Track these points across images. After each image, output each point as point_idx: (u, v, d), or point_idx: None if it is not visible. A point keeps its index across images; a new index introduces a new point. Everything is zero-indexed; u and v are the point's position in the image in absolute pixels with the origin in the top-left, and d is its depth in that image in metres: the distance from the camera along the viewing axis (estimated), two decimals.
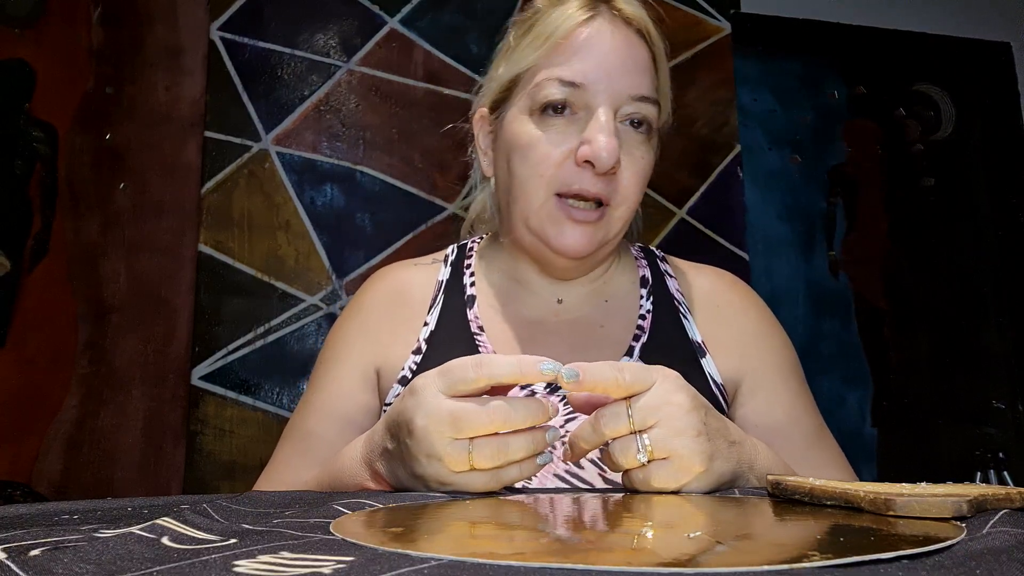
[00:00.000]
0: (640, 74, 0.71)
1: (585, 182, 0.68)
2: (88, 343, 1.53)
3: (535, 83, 0.71)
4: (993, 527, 0.34)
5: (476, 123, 0.81)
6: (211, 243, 1.60)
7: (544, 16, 0.72)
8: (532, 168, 0.70)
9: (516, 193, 0.72)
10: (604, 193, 0.69)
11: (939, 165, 2.19)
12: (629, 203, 0.71)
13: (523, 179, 0.71)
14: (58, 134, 1.58)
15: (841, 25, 2.13)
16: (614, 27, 0.71)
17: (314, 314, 1.62)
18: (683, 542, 0.31)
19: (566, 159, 0.69)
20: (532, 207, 0.71)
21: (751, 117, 2.06)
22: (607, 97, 0.69)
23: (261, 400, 1.56)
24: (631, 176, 0.70)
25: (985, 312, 2.15)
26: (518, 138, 0.72)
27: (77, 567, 0.27)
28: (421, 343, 0.75)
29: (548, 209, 0.70)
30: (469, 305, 0.77)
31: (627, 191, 0.71)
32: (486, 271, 0.81)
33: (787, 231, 2.06)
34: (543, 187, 0.70)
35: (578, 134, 0.69)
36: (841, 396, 2.01)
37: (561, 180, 0.69)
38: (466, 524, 0.39)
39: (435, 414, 0.49)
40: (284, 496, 0.47)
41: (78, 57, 1.62)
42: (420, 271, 0.82)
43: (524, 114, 0.72)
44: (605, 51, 0.69)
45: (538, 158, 0.70)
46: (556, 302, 0.78)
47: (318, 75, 1.71)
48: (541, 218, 0.71)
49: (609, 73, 0.69)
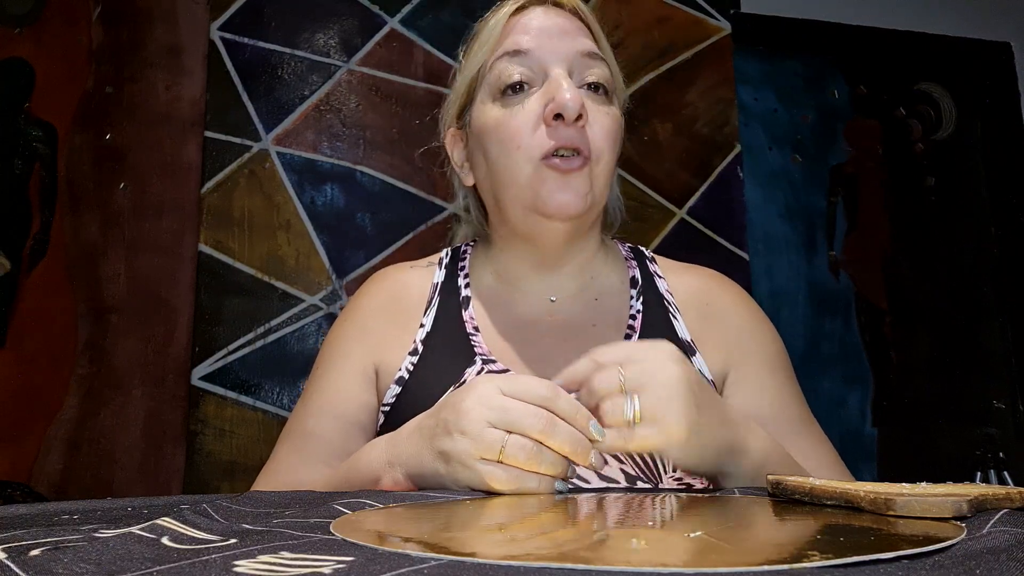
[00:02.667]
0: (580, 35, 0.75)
1: (560, 135, 0.70)
2: (88, 343, 1.53)
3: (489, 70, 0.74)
4: (993, 527, 0.34)
5: (448, 145, 0.84)
6: (211, 243, 1.60)
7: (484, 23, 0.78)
8: (506, 144, 0.72)
9: (500, 177, 0.74)
10: (580, 143, 0.70)
11: (940, 165, 2.19)
12: (605, 159, 0.73)
13: (501, 160, 0.73)
14: (58, 134, 1.58)
15: (842, 25, 2.13)
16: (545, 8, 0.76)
17: (314, 314, 1.62)
18: (683, 542, 0.31)
19: (537, 125, 0.71)
20: (520, 181, 0.72)
21: (752, 117, 2.06)
22: (557, 59, 0.72)
23: (261, 400, 1.56)
24: (599, 130, 0.72)
25: (985, 312, 2.15)
26: (486, 125, 0.74)
27: (77, 567, 0.27)
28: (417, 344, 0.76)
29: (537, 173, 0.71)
30: (464, 306, 0.78)
31: (600, 144, 0.72)
32: (480, 273, 0.83)
33: (788, 231, 2.06)
34: (524, 158, 0.71)
35: (540, 101, 0.71)
36: (841, 396, 2.01)
37: (537, 145, 0.71)
38: (467, 524, 0.39)
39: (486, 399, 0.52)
40: (284, 496, 0.47)
41: (78, 56, 1.62)
42: (416, 273, 0.83)
43: (487, 103, 0.75)
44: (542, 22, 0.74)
45: (509, 133, 0.72)
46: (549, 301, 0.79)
47: (318, 75, 1.71)
48: (532, 186, 0.71)
49: (552, 36, 0.73)
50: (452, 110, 0.81)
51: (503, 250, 0.81)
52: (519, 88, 0.72)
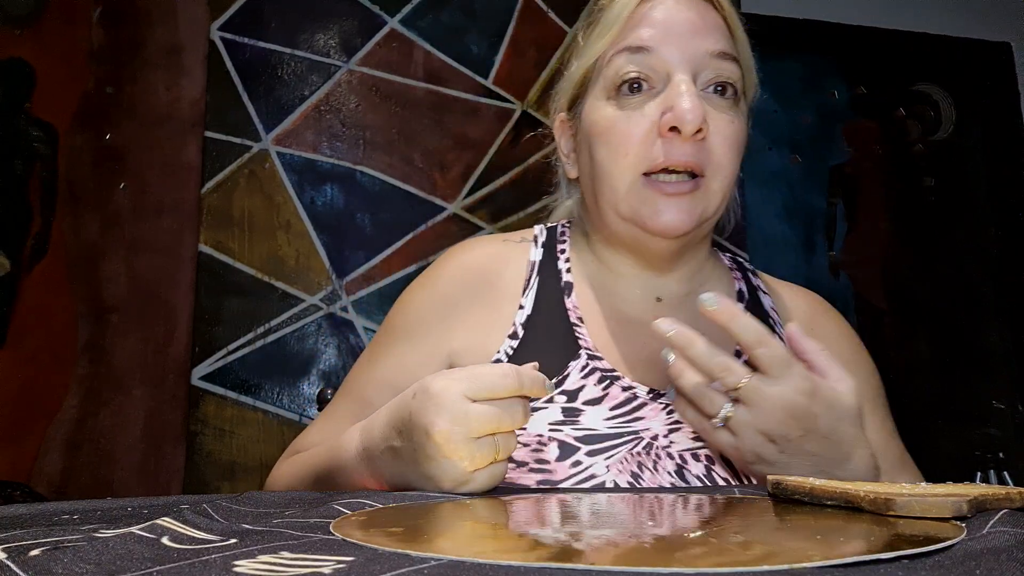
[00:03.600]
0: (713, 32, 0.67)
1: (673, 152, 0.64)
2: (88, 343, 1.53)
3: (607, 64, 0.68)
4: (993, 527, 0.34)
5: (557, 131, 0.77)
6: (211, 243, 1.60)
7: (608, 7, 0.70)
8: (615, 150, 0.66)
9: (601, 182, 0.68)
10: (695, 161, 0.64)
11: (939, 165, 2.19)
12: (724, 172, 0.66)
13: (606, 164, 0.67)
14: (58, 134, 1.58)
15: (841, 25, 2.13)
16: None
17: (314, 314, 1.62)
18: (683, 542, 0.31)
19: (650, 133, 0.65)
20: (619, 193, 0.66)
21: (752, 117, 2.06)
22: (682, 60, 0.65)
23: (261, 400, 1.56)
24: (722, 142, 0.66)
25: (985, 312, 2.15)
26: (597, 124, 0.68)
27: (77, 567, 0.27)
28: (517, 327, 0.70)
29: (637, 190, 0.65)
30: (567, 292, 0.72)
31: (720, 159, 0.66)
32: (581, 259, 0.76)
33: (787, 231, 2.06)
34: (628, 169, 0.65)
35: (659, 107, 0.65)
36: None
37: (646, 157, 0.65)
38: (466, 524, 0.39)
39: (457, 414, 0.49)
40: (284, 496, 0.47)
41: (78, 57, 1.62)
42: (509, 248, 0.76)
43: (601, 100, 0.68)
44: (671, 15, 0.67)
45: (619, 139, 0.66)
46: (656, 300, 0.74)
47: (318, 75, 1.71)
48: (631, 202, 0.66)
49: (680, 34, 0.66)
50: (564, 97, 0.75)
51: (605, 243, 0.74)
52: (637, 87, 0.66)
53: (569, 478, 0.60)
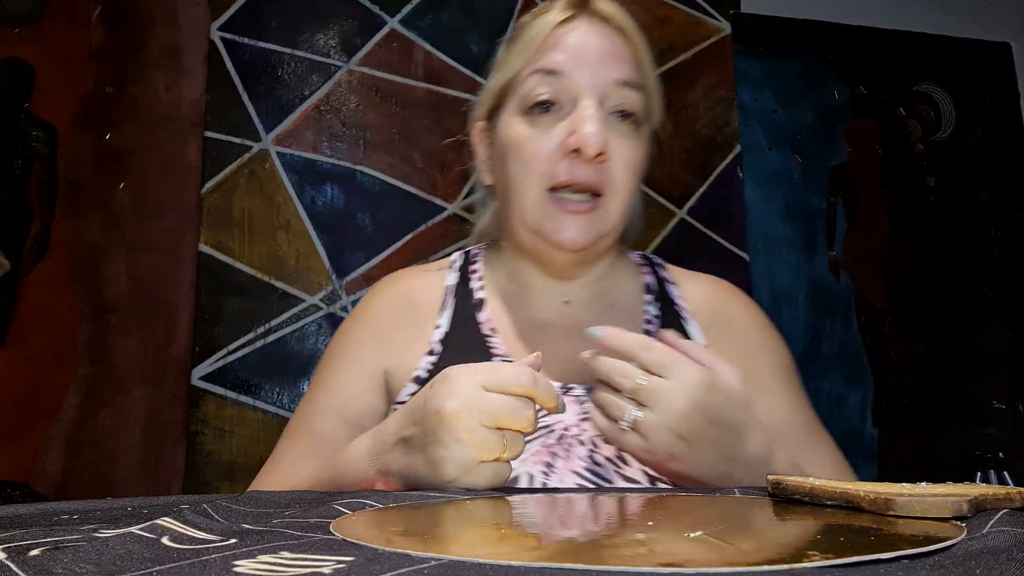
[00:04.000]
0: (620, 62, 0.73)
1: (575, 172, 0.70)
2: (88, 343, 1.53)
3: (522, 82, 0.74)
4: (993, 527, 0.34)
5: (474, 138, 0.84)
6: (211, 243, 1.60)
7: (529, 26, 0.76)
8: (524, 165, 0.72)
9: (512, 194, 0.74)
10: (595, 181, 0.70)
11: (939, 165, 2.20)
12: (621, 194, 0.72)
13: (517, 178, 0.73)
14: (58, 134, 1.58)
15: (841, 25, 2.13)
16: (591, 23, 0.74)
17: (314, 314, 1.62)
18: (683, 542, 0.31)
19: (555, 153, 0.70)
20: (527, 205, 0.72)
21: (752, 117, 2.06)
22: (590, 85, 0.71)
23: (261, 400, 1.56)
24: (621, 165, 0.71)
25: (985, 312, 2.15)
26: (510, 139, 0.74)
27: (77, 567, 0.27)
28: (434, 344, 0.76)
29: (542, 205, 0.71)
30: (479, 308, 0.78)
31: (618, 181, 0.72)
32: (493, 275, 0.82)
33: (788, 231, 2.06)
34: (536, 183, 0.71)
35: (565, 127, 0.71)
36: (841, 396, 2.01)
37: (551, 174, 0.70)
38: (467, 524, 0.39)
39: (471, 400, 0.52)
40: (284, 496, 0.47)
41: (78, 57, 1.62)
42: (428, 276, 0.83)
43: (515, 116, 0.74)
44: (584, 41, 0.72)
45: (529, 155, 0.72)
46: (563, 303, 0.80)
47: (318, 75, 1.72)
48: (537, 215, 0.72)
49: (590, 61, 0.71)
50: (483, 108, 0.81)
51: (515, 255, 0.81)
52: (547, 108, 0.72)
53: None
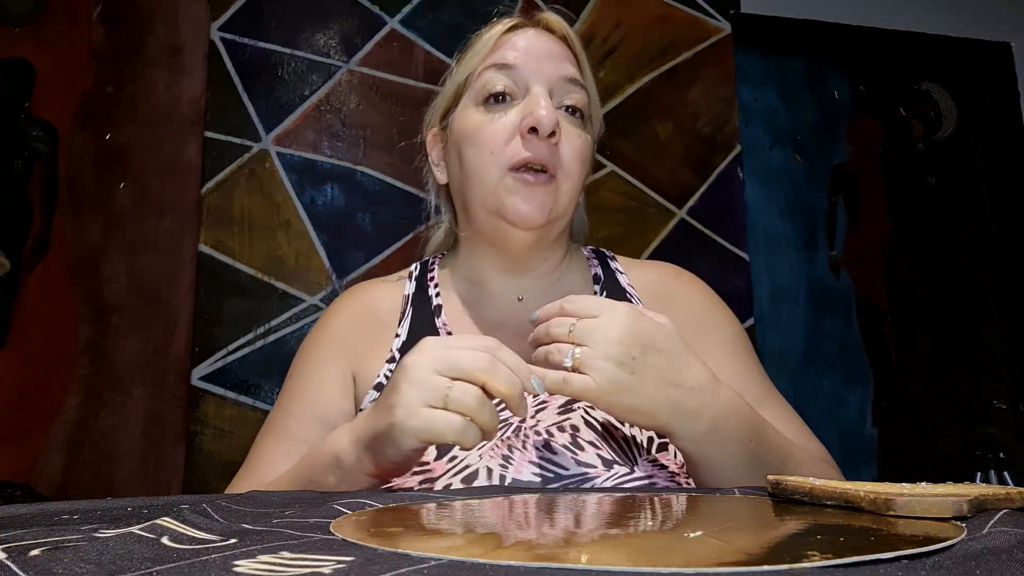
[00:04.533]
0: (565, 62, 0.80)
1: (532, 149, 0.74)
2: (88, 343, 1.53)
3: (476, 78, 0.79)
4: (993, 527, 0.34)
5: (428, 144, 0.88)
6: (211, 243, 1.60)
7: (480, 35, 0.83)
8: (482, 149, 0.76)
9: (470, 179, 0.78)
10: (550, 161, 0.75)
11: (940, 164, 2.19)
12: (572, 178, 0.77)
13: (474, 163, 0.77)
14: (58, 133, 1.58)
15: (842, 25, 2.13)
16: (537, 31, 0.81)
17: (314, 314, 1.62)
18: (683, 542, 0.31)
19: (512, 136, 0.75)
20: (488, 187, 0.76)
21: (753, 116, 2.06)
22: (540, 78, 0.77)
23: (261, 400, 1.56)
24: (570, 150, 0.77)
25: (985, 312, 2.15)
26: (466, 128, 0.78)
27: (77, 567, 0.27)
28: (395, 352, 0.79)
29: (504, 184, 0.75)
30: (436, 314, 0.82)
31: (569, 164, 0.76)
32: (449, 280, 0.86)
33: (788, 230, 2.06)
34: (495, 165, 0.75)
35: (519, 113, 0.76)
36: (842, 396, 2.01)
37: (510, 155, 0.75)
38: (466, 524, 0.39)
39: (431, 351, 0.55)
40: (284, 496, 0.47)
41: (78, 56, 1.62)
42: (387, 287, 0.86)
43: (470, 108, 0.79)
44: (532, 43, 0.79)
45: (486, 139, 0.76)
46: (517, 300, 0.83)
47: (318, 75, 1.72)
48: (498, 194, 0.75)
49: (539, 57, 0.78)
50: (437, 112, 0.86)
51: (471, 253, 0.84)
52: (501, 98, 0.77)
53: (446, 473, 0.65)
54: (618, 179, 1.83)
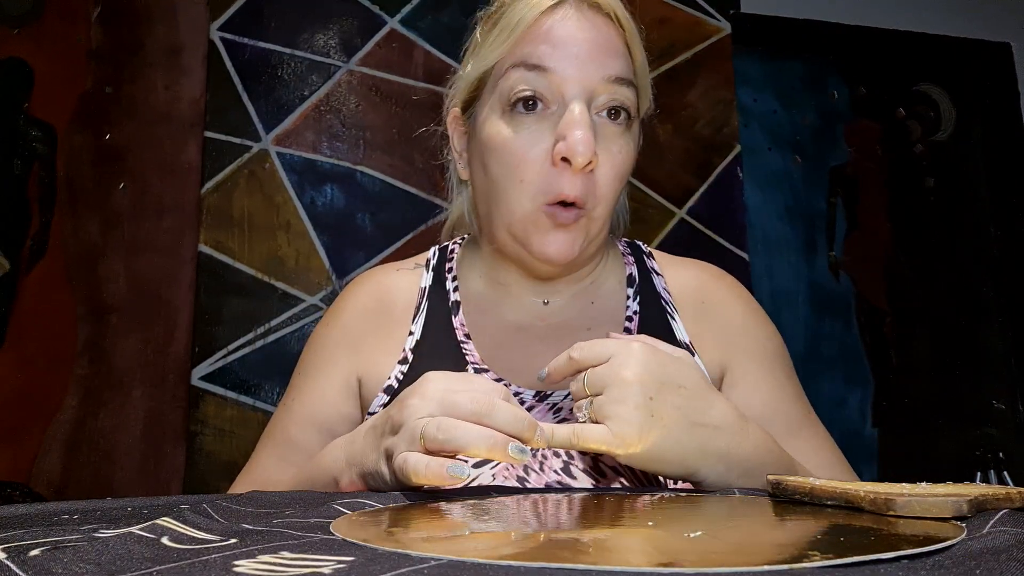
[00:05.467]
0: (612, 56, 0.67)
1: (564, 184, 0.65)
2: (88, 343, 1.53)
3: (503, 76, 0.68)
4: (993, 527, 0.34)
5: (450, 125, 0.78)
6: (211, 243, 1.60)
7: (509, 8, 0.70)
8: (511, 172, 0.67)
9: (497, 199, 0.70)
10: (582, 193, 0.66)
11: (940, 165, 2.19)
12: (606, 202, 0.69)
13: (502, 184, 0.68)
14: (57, 134, 1.58)
15: (842, 25, 2.13)
16: (580, 12, 0.68)
17: (314, 314, 1.62)
18: (683, 542, 0.31)
19: (544, 160, 0.66)
20: (515, 215, 0.68)
21: (752, 117, 2.06)
22: (578, 84, 0.66)
23: (261, 400, 1.56)
24: (608, 172, 0.67)
25: (985, 312, 2.15)
26: (491, 140, 0.69)
27: (77, 567, 0.27)
28: (407, 352, 0.73)
29: (533, 217, 0.67)
30: (454, 312, 0.76)
31: (603, 190, 0.67)
32: (468, 275, 0.79)
33: (788, 231, 2.06)
34: (527, 195, 0.67)
35: (552, 130, 0.66)
36: (842, 396, 2.01)
37: (544, 189, 0.66)
38: (465, 524, 0.39)
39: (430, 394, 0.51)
40: (284, 496, 0.47)
41: (77, 56, 1.62)
42: (402, 276, 0.80)
43: (496, 114, 0.69)
44: (572, 34, 0.66)
45: (515, 161, 0.67)
46: (542, 304, 0.76)
47: (318, 75, 1.71)
48: (526, 226, 0.68)
49: (578, 56, 0.66)
50: (459, 95, 0.75)
51: (493, 255, 0.77)
52: (532, 105, 0.67)
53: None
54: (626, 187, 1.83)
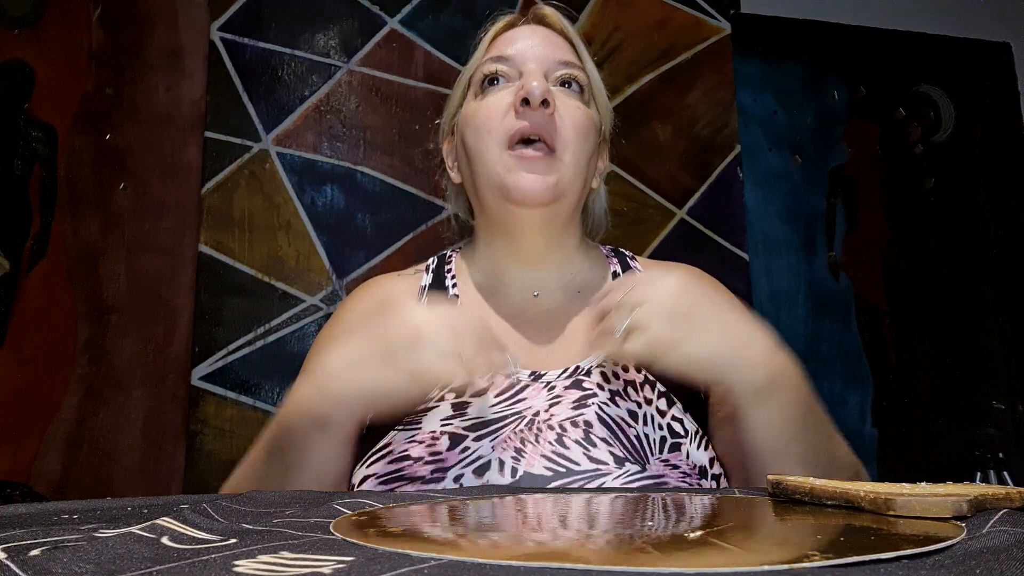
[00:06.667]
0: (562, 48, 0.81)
1: (526, 119, 0.75)
2: (88, 343, 1.53)
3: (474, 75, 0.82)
4: (993, 527, 0.34)
5: (445, 152, 0.89)
6: (211, 243, 1.60)
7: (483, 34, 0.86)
8: (479, 129, 0.77)
9: (474, 163, 0.78)
10: (545, 130, 0.75)
11: (939, 166, 2.19)
12: (573, 149, 0.76)
13: (476, 145, 0.77)
14: (58, 135, 1.58)
15: (841, 26, 2.13)
16: (534, 26, 0.83)
17: (314, 314, 1.62)
18: (683, 542, 0.31)
19: (507, 111, 0.76)
20: (489, 166, 0.76)
21: (751, 118, 2.06)
22: (534, 63, 0.78)
23: (261, 400, 1.56)
24: (568, 121, 0.76)
25: (985, 312, 2.15)
26: (466, 117, 0.80)
27: (77, 567, 0.27)
28: None
29: (503, 161, 0.75)
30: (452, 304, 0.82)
31: (567, 134, 0.76)
32: (467, 272, 0.86)
33: (787, 232, 2.06)
34: (495, 143, 0.76)
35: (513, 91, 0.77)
36: (841, 396, 2.01)
37: (506, 128, 0.75)
38: (465, 523, 0.39)
39: None
40: (284, 496, 0.47)
41: (78, 58, 1.62)
42: (403, 281, 0.86)
43: (471, 101, 0.81)
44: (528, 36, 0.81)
45: (483, 119, 0.77)
46: (532, 296, 0.83)
47: (318, 75, 1.72)
48: (499, 172, 0.75)
49: (533, 47, 0.80)
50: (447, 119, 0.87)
51: (487, 246, 0.84)
52: (496, 81, 0.79)
53: (458, 463, 0.66)
54: (618, 179, 1.82)
